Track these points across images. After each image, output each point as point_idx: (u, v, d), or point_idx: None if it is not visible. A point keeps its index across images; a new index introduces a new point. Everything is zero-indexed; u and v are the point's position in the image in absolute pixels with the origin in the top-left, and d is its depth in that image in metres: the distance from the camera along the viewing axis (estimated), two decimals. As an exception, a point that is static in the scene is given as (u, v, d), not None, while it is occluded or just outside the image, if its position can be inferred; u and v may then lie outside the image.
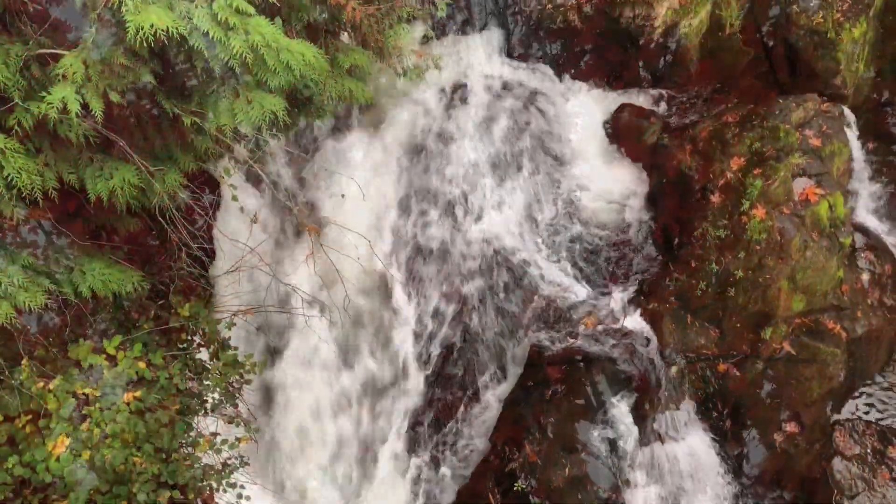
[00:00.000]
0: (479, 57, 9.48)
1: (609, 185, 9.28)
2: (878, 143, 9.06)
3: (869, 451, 8.41)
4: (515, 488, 7.75)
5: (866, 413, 8.71)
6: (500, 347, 8.55)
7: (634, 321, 8.45)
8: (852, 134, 8.83)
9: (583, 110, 9.50)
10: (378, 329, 8.57)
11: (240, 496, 6.63)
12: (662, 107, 9.44)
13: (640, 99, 9.51)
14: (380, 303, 8.59)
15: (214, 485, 6.56)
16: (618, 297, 8.68)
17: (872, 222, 9.04)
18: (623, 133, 9.30)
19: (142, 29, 4.55)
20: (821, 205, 8.11)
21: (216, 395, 6.86)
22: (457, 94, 9.36)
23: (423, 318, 8.57)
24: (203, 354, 7.01)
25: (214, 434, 6.66)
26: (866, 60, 9.04)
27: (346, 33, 6.86)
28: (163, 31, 4.57)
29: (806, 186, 8.13)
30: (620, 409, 8.04)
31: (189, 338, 6.92)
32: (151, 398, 6.17)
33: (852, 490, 8.27)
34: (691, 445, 8.34)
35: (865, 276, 8.62)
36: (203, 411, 6.78)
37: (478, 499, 7.97)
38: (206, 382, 6.82)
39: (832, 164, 8.28)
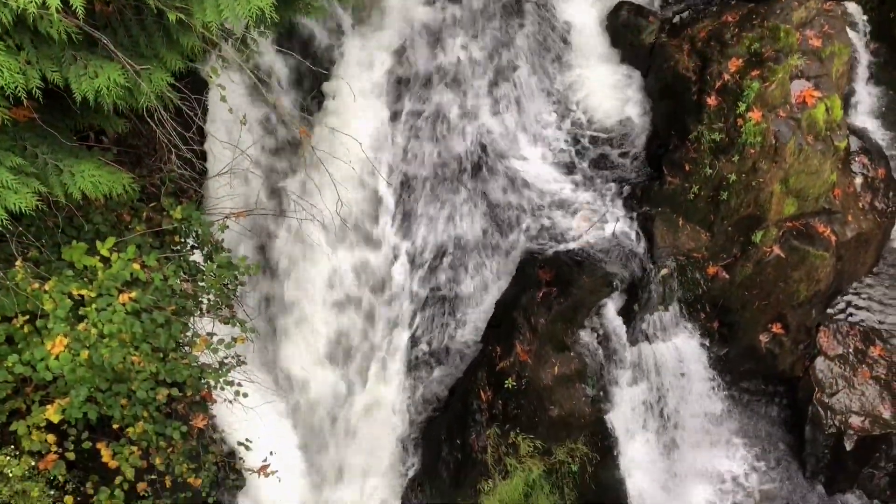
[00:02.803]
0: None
1: (605, 87, 9.13)
2: (881, 44, 8.87)
3: (851, 350, 8.63)
4: (506, 385, 7.96)
5: (851, 314, 8.89)
6: (492, 249, 8.61)
7: (626, 224, 8.48)
8: (855, 33, 8.64)
9: (579, 9, 9.24)
10: (370, 232, 8.59)
11: (237, 393, 6.80)
12: (661, 5, 9.18)
13: (639, -4, 9.25)
14: (371, 206, 8.57)
15: (212, 382, 6.70)
16: (610, 199, 8.69)
17: (869, 124, 8.97)
18: (620, 33, 9.08)
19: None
20: (817, 108, 8.01)
21: (211, 297, 6.93)
22: (450, -9, 9.06)
23: (414, 221, 8.58)
24: (197, 256, 7.04)
25: (211, 334, 6.76)
26: (874, -45, 8.75)
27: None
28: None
29: (803, 88, 8.02)
30: (610, 309, 8.18)
31: (182, 240, 6.92)
32: (147, 299, 6.21)
33: (833, 388, 8.52)
34: (678, 346, 8.53)
35: (858, 180, 8.62)
36: (199, 312, 6.85)
37: (469, 395, 8.20)
38: (200, 284, 6.87)
39: (832, 66, 8.13)
